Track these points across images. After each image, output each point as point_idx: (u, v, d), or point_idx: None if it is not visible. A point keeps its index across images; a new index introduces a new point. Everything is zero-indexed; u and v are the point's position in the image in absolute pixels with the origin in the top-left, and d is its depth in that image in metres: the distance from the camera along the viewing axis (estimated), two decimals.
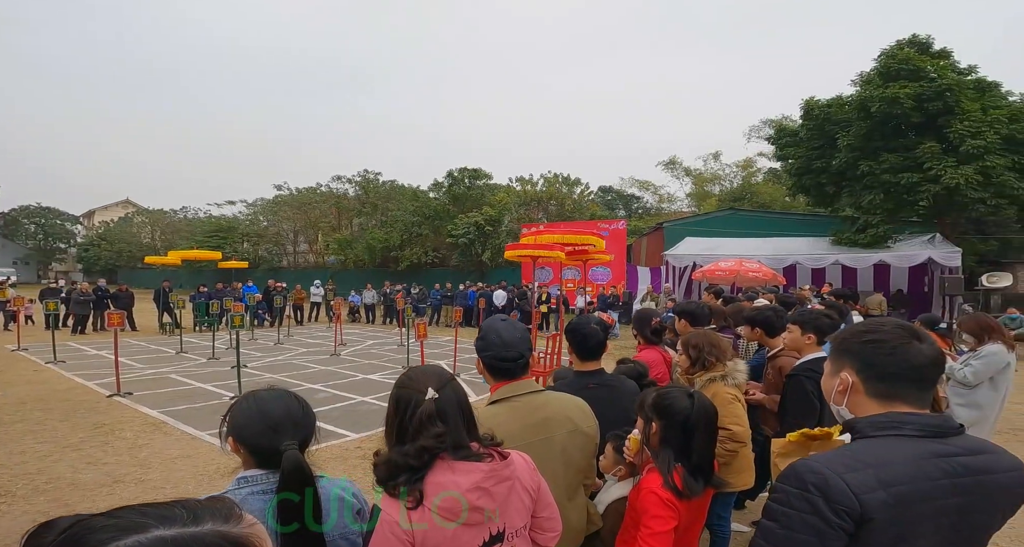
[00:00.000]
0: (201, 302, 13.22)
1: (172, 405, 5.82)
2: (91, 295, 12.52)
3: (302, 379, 7.51)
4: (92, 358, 8.88)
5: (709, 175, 28.67)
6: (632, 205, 33.24)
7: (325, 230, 30.16)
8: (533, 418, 1.43)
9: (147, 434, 4.78)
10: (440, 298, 16.54)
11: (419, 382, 1.14)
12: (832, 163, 13.63)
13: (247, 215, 33.82)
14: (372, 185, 28.40)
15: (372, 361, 9.44)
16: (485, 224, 20.57)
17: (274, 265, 29.71)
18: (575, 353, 2.02)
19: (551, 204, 22.91)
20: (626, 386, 2.06)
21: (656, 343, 3.01)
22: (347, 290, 18.68)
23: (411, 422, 1.09)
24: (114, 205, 49.34)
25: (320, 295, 17.15)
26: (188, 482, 3.76)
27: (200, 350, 9.86)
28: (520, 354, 1.48)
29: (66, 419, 5.23)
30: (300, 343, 11.65)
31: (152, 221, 37.94)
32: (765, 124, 24.77)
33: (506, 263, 20.69)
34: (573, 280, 16.17)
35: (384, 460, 1.09)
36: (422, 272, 22.89)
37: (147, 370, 7.87)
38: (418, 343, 6.64)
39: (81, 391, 6.43)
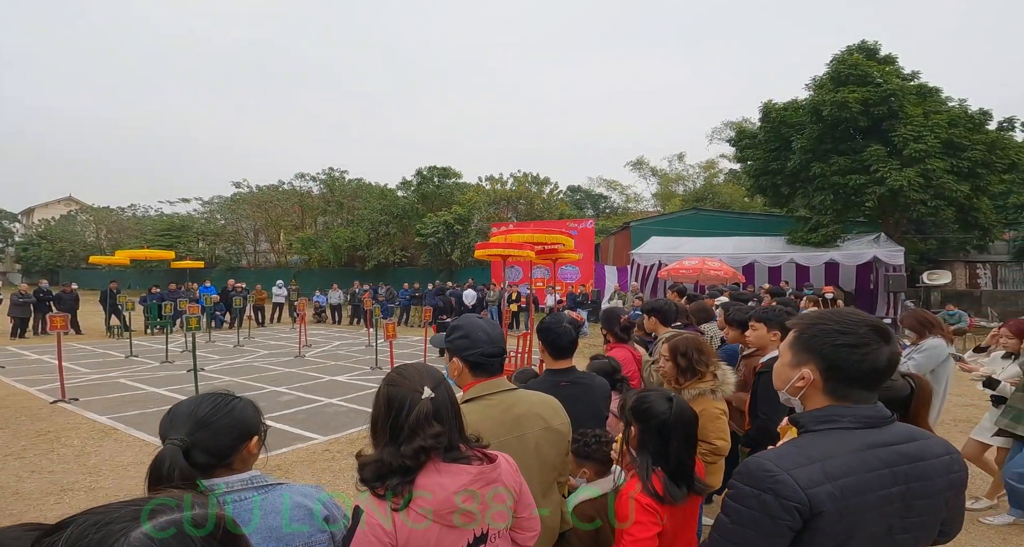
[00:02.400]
0: (153, 303, 12.56)
1: (122, 410, 5.53)
2: (31, 296, 11.70)
3: (264, 382, 7.27)
4: (33, 363, 8.37)
5: (674, 175, 29.47)
6: (600, 205, 33.78)
7: (288, 229, 29.20)
8: (506, 416, 1.43)
9: (95, 441, 4.53)
10: (409, 298, 16.32)
11: (413, 381, 1.12)
12: (787, 165, 14.24)
13: (202, 213, 32.37)
14: (338, 183, 27.69)
15: (339, 362, 9.22)
16: (454, 223, 20.44)
17: (232, 265, 28.55)
18: (547, 351, 2.02)
19: (520, 203, 22.97)
20: (597, 383, 2.08)
21: (625, 341, 3.05)
22: (311, 290, 18.15)
23: (406, 422, 1.05)
24: (55, 202, 46.22)
25: (283, 295, 16.60)
26: (142, 489, 3.53)
27: (152, 354, 9.38)
28: (503, 350, 1.50)
29: (5, 427, 4.95)
30: (262, 345, 11.25)
31: (97, 219, 35.71)
32: (726, 126, 25.62)
33: (476, 262, 20.61)
34: (543, 279, 16.27)
35: (373, 460, 1.05)
36: (389, 271, 22.52)
37: (93, 375, 7.44)
38: (387, 343, 6.53)
39: (22, 397, 6.06)
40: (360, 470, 1.06)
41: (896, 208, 13.27)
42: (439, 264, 21.38)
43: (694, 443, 1.57)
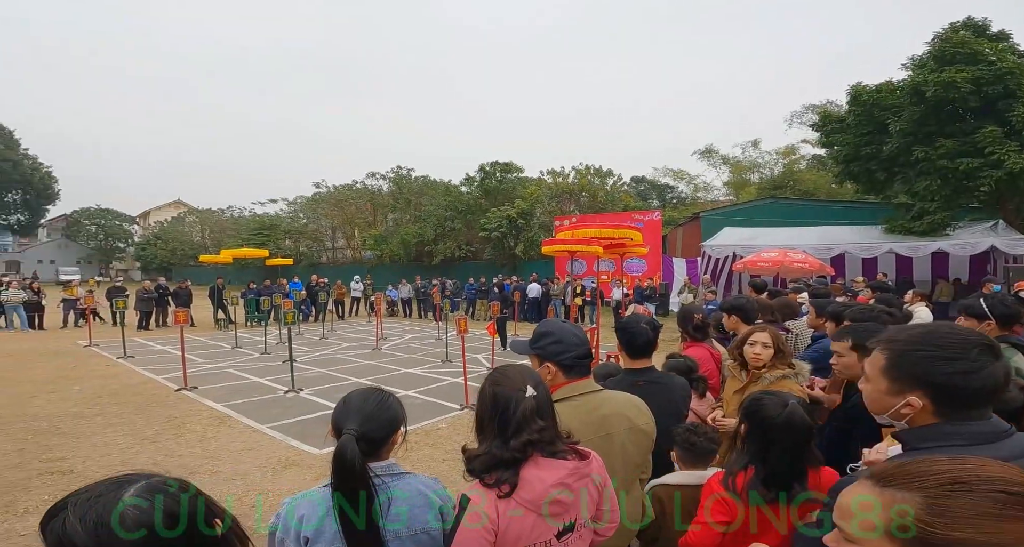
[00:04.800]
0: (251, 298, 13.91)
1: (233, 399, 6.17)
2: (153, 293, 13.37)
3: (347, 373, 7.82)
4: (157, 353, 9.50)
5: (748, 163, 27.68)
6: (666, 195, 32.57)
7: (361, 226, 30.97)
8: (593, 416, 1.49)
9: (214, 427, 5.08)
10: (475, 292, 16.79)
11: (516, 380, 1.21)
12: (883, 149, 13.01)
13: (288, 213, 35.11)
14: (405, 181, 28.89)
15: (412, 355, 9.70)
16: (517, 217, 20.63)
17: (314, 261, 30.79)
18: (624, 351, 2.05)
19: (583, 196, 22.71)
20: (675, 383, 2.08)
21: (702, 339, 2.99)
22: (383, 285, 19.18)
23: (513, 418, 1.15)
24: (167, 205, 52.14)
25: (359, 290, 17.69)
26: (254, 473, 4.00)
27: (253, 345, 10.38)
28: (591, 352, 1.58)
29: (140, 412, 5.60)
30: (343, 338, 12.08)
31: (202, 220, 39.99)
32: (807, 110, 23.70)
33: (539, 256, 20.71)
34: (608, 272, 16.06)
35: (482, 453, 1.15)
36: (455, 266, 23.20)
37: (207, 365, 8.35)
38: (458, 337, 6.84)
39: (151, 385, 6.88)
40: (468, 462, 1.16)
41: (1016, 193, 11.74)
42: (503, 258, 21.71)
43: (802, 453, 1.50)
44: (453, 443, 4.79)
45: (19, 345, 10.24)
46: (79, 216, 47.12)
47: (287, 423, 5.23)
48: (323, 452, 4.40)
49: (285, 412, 5.64)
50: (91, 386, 6.75)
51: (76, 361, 8.60)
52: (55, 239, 48.35)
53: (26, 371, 7.66)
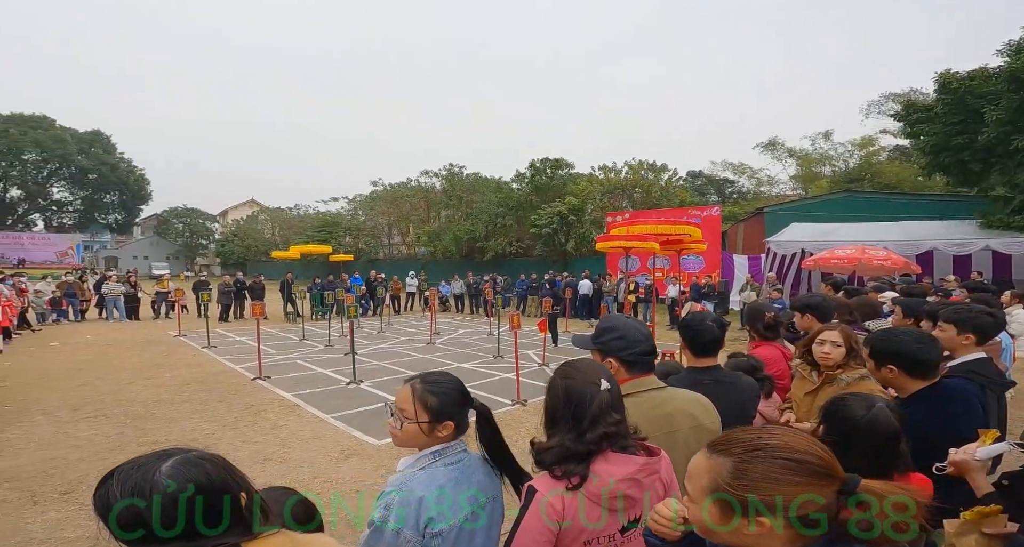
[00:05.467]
0: (316, 293, 14.78)
1: (301, 389, 6.58)
2: (232, 287, 14.53)
3: (404, 366, 8.12)
4: (236, 344, 10.29)
5: (818, 156, 25.91)
6: (726, 190, 31.09)
7: (415, 222, 31.96)
8: (657, 413, 1.48)
9: (285, 416, 5.46)
10: (525, 288, 16.90)
11: (589, 374, 1.23)
12: (977, 139, 11.79)
13: (348, 210, 36.88)
14: (457, 178, 29.47)
15: (465, 350, 9.93)
16: (568, 214, 20.47)
17: (372, 257, 32.13)
18: (688, 349, 1.99)
19: (636, 191, 22.19)
20: (743, 383, 2.01)
21: (772, 338, 2.85)
22: (436, 280, 19.72)
23: (588, 411, 1.16)
24: (242, 204, 56.24)
25: (414, 285, 18.29)
26: (320, 461, 4.24)
27: (317, 337, 11.00)
28: (655, 348, 1.57)
29: (222, 400, 6.06)
30: (399, 332, 12.55)
31: (272, 218, 42.87)
32: (887, 99, 21.84)
33: (590, 252, 20.47)
34: (663, 269, 15.62)
35: (555, 445, 1.16)
36: (506, 262, 23.41)
37: (278, 356, 8.96)
38: (511, 332, 6.95)
39: (231, 374, 7.48)
40: (537, 454, 1.18)
41: None
42: (553, 254, 21.65)
43: (885, 459, 1.40)
44: (504, 437, 4.88)
45: (119, 335, 11.48)
46: (168, 215, 51.72)
47: (349, 414, 5.52)
48: (381, 443, 4.62)
49: (347, 403, 5.96)
50: (180, 374, 7.43)
51: (167, 350, 9.53)
52: (147, 237, 53.50)
53: (125, 359, 8.57)
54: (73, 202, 47.23)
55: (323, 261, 23.52)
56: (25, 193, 44.72)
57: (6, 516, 3.33)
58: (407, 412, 1.29)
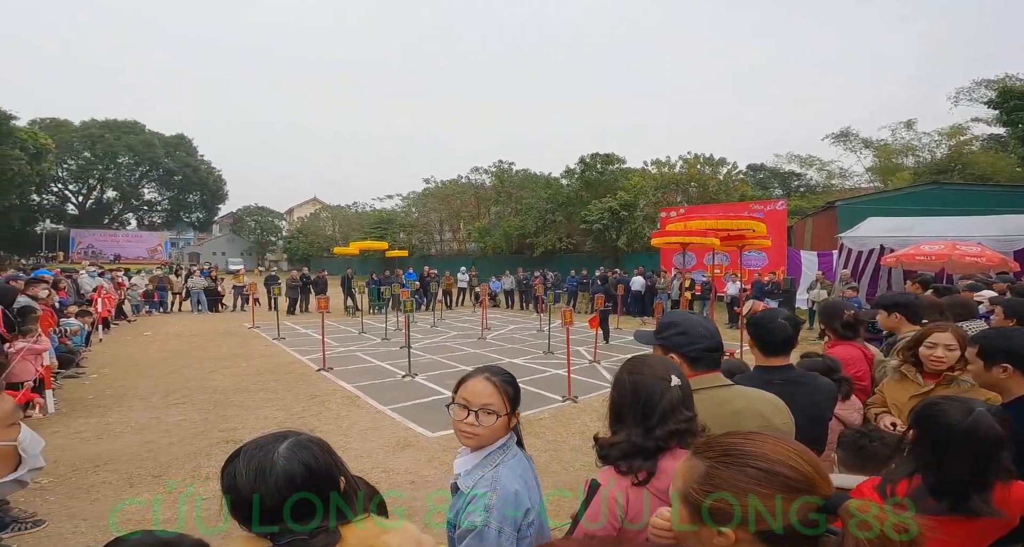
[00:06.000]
0: (373, 287, 15.49)
1: (361, 380, 6.93)
2: (298, 281, 15.52)
3: (456, 361, 8.34)
4: (302, 336, 10.96)
5: (900, 146, 23.84)
6: (791, 183, 29.27)
7: (466, 219, 32.54)
8: (723, 410, 1.45)
9: (346, 406, 5.77)
10: (576, 284, 16.81)
11: (659, 370, 1.21)
12: None
13: (402, 207, 38.15)
14: (506, 174, 29.68)
15: (515, 345, 10.05)
16: (619, 209, 20.09)
17: (424, 253, 33.08)
18: (758, 348, 1.91)
19: (691, 186, 21.42)
20: (819, 384, 1.91)
21: (851, 338, 2.70)
22: (487, 276, 20.03)
23: (658, 407, 1.15)
24: (306, 203, 59.57)
25: (465, 281, 18.69)
26: (377, 452, 4.40)
27: (375, 331, 11.51)
28: (721, 344, 1.53)
29: (291, 390, 6.41)
30: (451, 326, 12.88)
31: (333, 216, 45.13)
32: (979, 85, 19.70)
33: (642, 248, 20.00)
34: (721, 265, 15.02)
35: (621, 441, 1.17)
36: (556, 258, 23.35)
37: (340, 348, 9.46)
38: (562, 329, 7.00)
39: (298, 365, 8.00)
40: (602, 449, 1.18)
41: None
42: (604, 251, 21.36)
43: (985, 467, 1.31)
44: (554, 433, 4.92)
45: (201, 326, 12.58)
46: (242, 213, 55.69)
47: (405, 406, 5.76)
48: (435, 436, 4.81)
49: (403, 395, 6.22)
50: (254, 364, 8.03)
51: (243, 341, 10.33)
52: (224, 234, 57.95)
53: (207, 349, 9.37)
54: (161, 202, 52.04)
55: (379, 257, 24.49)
56: (120, 194, 49.78)
57: (107, 497, 3.57)
58: (494, 406, 1.27)
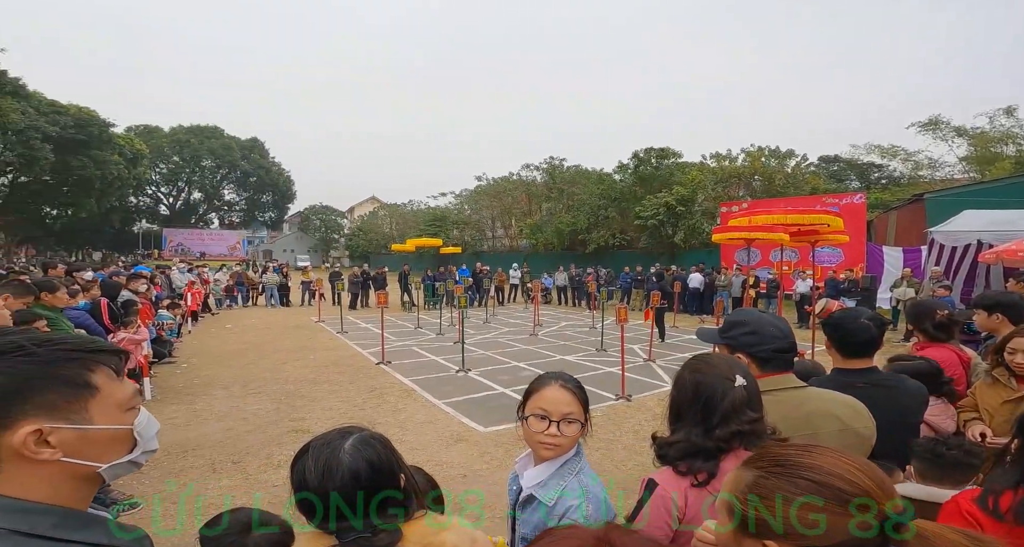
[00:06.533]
0: (428, 284, 15.99)
1: (417, 374, 7.17)
2: (359, 277, 16.33)
3: (508, 357, 8.45)
4: (363, 330, 11.51)
5: (998, 134, 21.33)
6: (871, 175, 26.94)
7: (518, 216, 32.69)
8: (795, 413, 1.40)
9: (403, 400, 6.00)
10: (630, 281, 16.48)
11: (722, 369, 1.18)
12: None
13: (455, 205, 38.93)
14: (557, 171, 29.50)
15: (567, 342, 10.03)
16: (676, 204, 19.42)
17: (477, 249, 33.58)
18: (837, 349, 1.81)
19: (755, 180, 20.30)
20: (908, 387, 1.78)
21: (944, 340, 2.51)
22: (538, 272, 20.05)
23: (719, 407, 1.12)
24: (365, 201, 62.26)
25: (517, 277, 18.84)
26: (432, 445, 4.54)
27: (430, 326, 11.88)
28: (794, 345, 1.48)
29: (352, 382, 6.72)
30: (503, 322, 13.05)
31: (390, 213, 46.87)
32: None
33: (701, 244, 19.25)
34: (789, 262, 14.18)
35: (680, 440, 1.15)
36: (609, 254, 22.95)
37: (397, 342, 9.85)
38: (616, 326, 6.91)
39: (360, 358, 8.42)
40: (660, 448, 1.17)
41: None
42: (660, 247, 20.75)
43: None
44: (607, 432, 4.90)
45: (274, 319, 13.54)
46: (308, 212, 59.09)
47: (458, 400, 5.93)
48: (487, 431, 4.93)
49: (456, 390, 6.39)
50: (320, 357, 8.53)
51: (310, 334, 11.03)
52: (293, 232, 61.75)
53: (279, 341, 10.08)
54: (239, 202, 56.32)
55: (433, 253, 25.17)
56: (204, 195, 54.40)
57: (193, 481, 3.82)
58: (575, 414, 1.25)
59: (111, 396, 0.70)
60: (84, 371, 0.68)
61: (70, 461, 0.66)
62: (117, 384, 0.71)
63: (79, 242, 42.35)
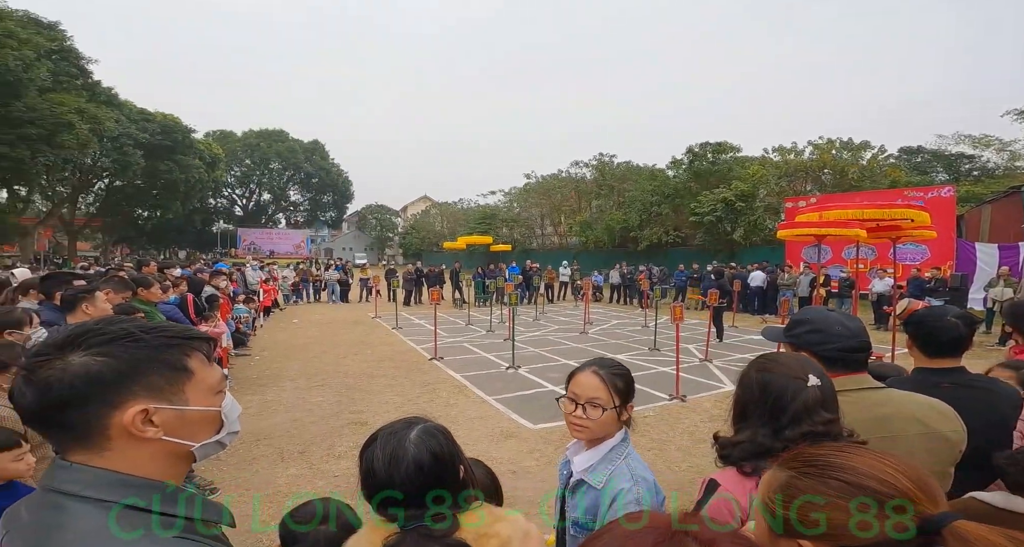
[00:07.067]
0: (479, 281, 16.25)
1: (468, 371, 7.29)
2: (413, 275, 16.88)
3: (558, 355, 8.44)
4: (416, 326, 11.85)
5: None
6: (961, 166, 24.45)
7: (567, 213, 32.45)
8: (872, 414, 1.34)
9: (455, 395, 6.11)
10: (685, 279, 15.97)
11: (793, 368, 1.15)
12: None
13: (504, 203, 39.20)
14: (608, 167, 28.99)
15: (618, 341, 9.89)
16: (735, 200, 18.55)
17: (526, 247, 33.68)
18: (919, 348, 1.71)
19: (824, 173, 18.99)
20: (1001, 390, 1.67)
21: None
22: (588, 270, 19.83)
23: (790, 407, 1.10)
24: (418, 200, 64.05)
25: (567, 275, 18.72)
26: (481, 441, 4.56)
27: (480, 323, 12.07)
28: (867, 344, 1.41)
29: (407, 377, 6.87)
30: (553, 320, 13.03)
31: (441, 212, 47.95)
32: None
33: (762, 241, 18.32)
34: (865, 260, 13.23)
35: (745, 440, 1.12)
36: (661, 252, 22.34)
37: (449, 339, 10.03)
38: (671, 324, 6.74)
39: (413, 354, 8.67)
40: (723, 448, 1.15)
41: None
42: (717, 244, 19.93)
43: None
44: (660, 432, 4.82)
45: (334, 315, 14.24)
46: (365, 212, 61.73)
47: (508, 397, 5.98)
48: (537, 428, 4.95)
49: (507, 386, 6.45)
50: (377, 352, 8.85)
51: (368, 329, 11.50)
52: (351, 231, 64.68)
53: (340, 336, 10.56)
54: (303, 203, 59.66)
55: (483, 251, 25.51)
56: (272, 196, 58.04)
57: (263, 469, 3.98)
58: (601, 399, 1.29)
59: (204, 380, 0.75)
60: (182, 356, 0.73)
61: (169, 440, 0.70)
62: (208, 369, 0.76)
63: (166, 241, 46.54)
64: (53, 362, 0.66)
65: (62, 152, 21.82)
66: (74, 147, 21.90)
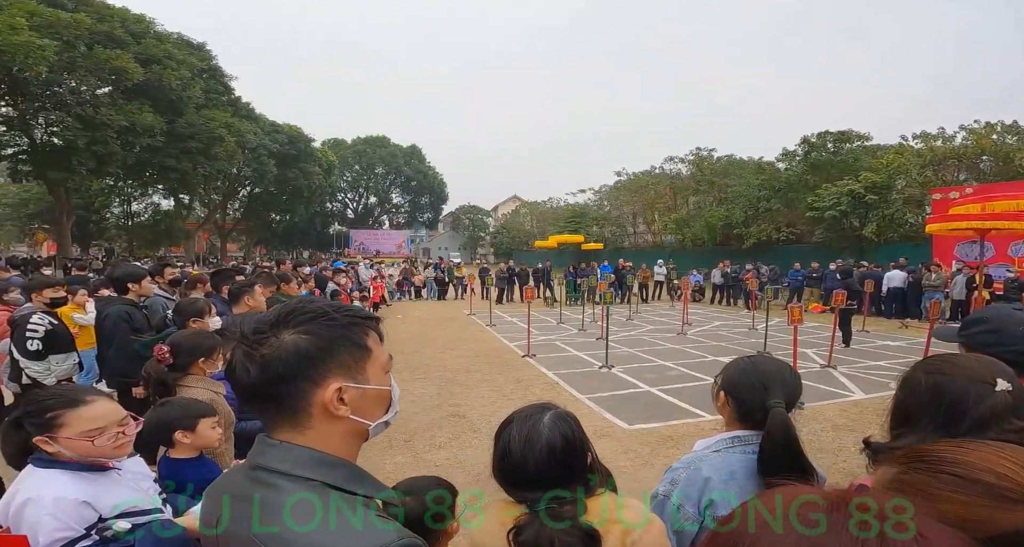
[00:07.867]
0: (570, 279, 16.17)
1: (560, 368, 7.31)
2: (505, 273, 17.30)
3: (654, 355, 8.15)
4: (508, 324, 12.14)
5: None
6: None
7: (661, 210, 30.97)
8: None
9: (547, 393, 6.13)
10: (802, 279, 14.49)
11: (975, 371, 1.07)
12: None
13: (594, 201, 38.52)
14: (706, 162, 27.17)
15: (721, 343, 9.31)
16: (865, 193, 16.37)
17: (617, 245, 32.76)
18: None
19: (983, 161, 16.04)
20: None
21: None
22: (685, 269, 18.78)
23: (973, 411, 1.03)
24: (508, 200, 65.46)
25: (663, 274, 17.93)
26: None
27: (572, 322, 12.02)
28: None
29: (501, 373, 7.01)
30: (647, 320, 12.58)
31: (531, 211, 48.50)
32: None
33: (899, 237, 16.06)
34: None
35: (907, 446, 1.05)
36: (770, 249, 20.43)
37: (541, 336, 10.13)
38: (790, 328, 6.16)
39: (506, 350, 8.87)
40: (875, 454, 1.08)
41: None
42: (842, 241, 17.75)
43: None
44: None
45: (433, 312, 15.04)
46: (459, 212, 64.41)
47: (602, 396, 5.90)
48: (631, 428, 4.83)
49: (600, 385, 6.37)
50: (472, 347, 9.17)
51: (463, 326, 12.00)
52: (446, 231, 67.88)
53: (438, 332, 11.13)
54: (404, 205, 63.94)
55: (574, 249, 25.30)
56: (377, 199, 62.93)
57: (374, 455, 4.12)
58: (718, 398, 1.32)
59: (378, 359, 0.76)
60: (364, 335, 0.73)
61: (355, 418, 0.71)
62: (381, 348, 0.79)
63: (293, 242, 52.74)
64: (270, 339, 0.68)
65: (216, 163, 25.62)
66: (224, 158, 25.62)
